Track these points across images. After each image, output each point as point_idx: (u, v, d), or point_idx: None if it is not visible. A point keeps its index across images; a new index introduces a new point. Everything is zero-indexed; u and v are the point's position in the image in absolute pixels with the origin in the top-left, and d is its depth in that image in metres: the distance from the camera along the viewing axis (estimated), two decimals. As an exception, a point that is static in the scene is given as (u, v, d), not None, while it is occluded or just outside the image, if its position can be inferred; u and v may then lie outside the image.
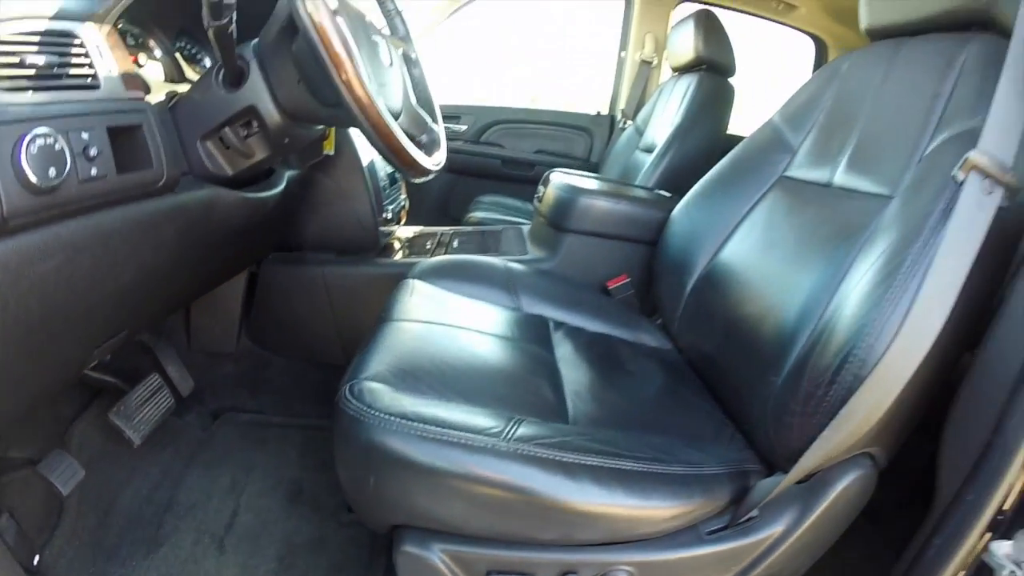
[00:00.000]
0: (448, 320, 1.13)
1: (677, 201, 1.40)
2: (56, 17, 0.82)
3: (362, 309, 1.59)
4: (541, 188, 1.73)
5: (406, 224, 1.91)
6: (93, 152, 0.76)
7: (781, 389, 0.84)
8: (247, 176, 1.09)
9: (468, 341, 1.07)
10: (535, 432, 0.81)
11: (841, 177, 1.05)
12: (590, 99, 3.40)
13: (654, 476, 0.79)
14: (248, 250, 1.51)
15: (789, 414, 0.81)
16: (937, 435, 0.84)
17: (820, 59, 2.91)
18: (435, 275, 1.31)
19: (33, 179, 0.68)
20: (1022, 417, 0.72)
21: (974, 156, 0.71)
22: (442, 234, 1.88)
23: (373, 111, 0.84)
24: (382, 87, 1.01)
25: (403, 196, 1.85)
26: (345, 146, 1.53)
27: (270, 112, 0.97)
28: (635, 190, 1.76)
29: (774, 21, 2.83)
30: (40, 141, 0.69)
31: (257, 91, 0.96)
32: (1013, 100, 0.73)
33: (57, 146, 0.71)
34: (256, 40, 1.00)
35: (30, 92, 0.74)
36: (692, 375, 1.18)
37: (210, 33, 0.88)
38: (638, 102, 2.82)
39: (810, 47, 2.92)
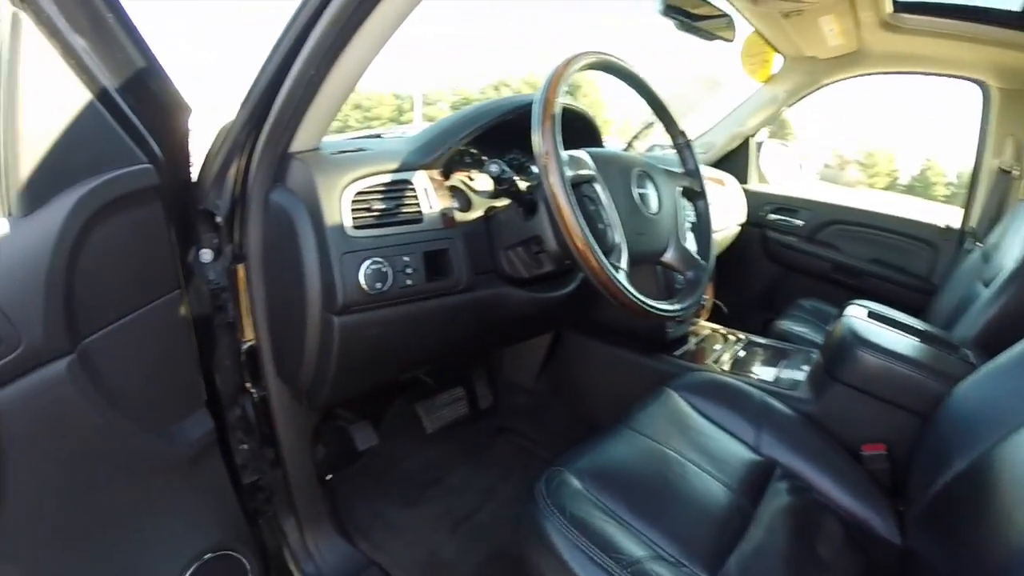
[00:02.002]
0: (677, 446, 1.16)
1: (973, 370, 1.17)
2: (399, 169, 1.13)
3: (638, 389, 1.65)
4: (834, 321, 1.62)
5: (710, 319, 1.97)
6: (410, 271, 1.07)
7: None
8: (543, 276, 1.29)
9: (681, 473, 1.10)
10: (661, 572, 0.86)
11: None
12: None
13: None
14: (539, 330, 1.75)
15: None
16: None
17: None
18: (692, 391, 1.34)
19: (365, 288, 1.01)
20: None
21: None
22: (736, 340, 1.88)
23: (600, 273, 0.96)
24: (639, 236, 1.13)
25: (705, 296, 1.91)
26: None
27: (550, 242, 1.14)
28: (931, 354, 1.45)
29: None
30: (374, 267, 1.02)
31: (543, 224, 1.14)
32: None
33: (384, 269, 1.03)
34: None
35: (374, 229, 1.06)
36: None
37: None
38: (991, 220, 2.21)
39: None
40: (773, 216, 2.75)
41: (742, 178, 2.75)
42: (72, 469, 0.92)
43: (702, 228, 1.36)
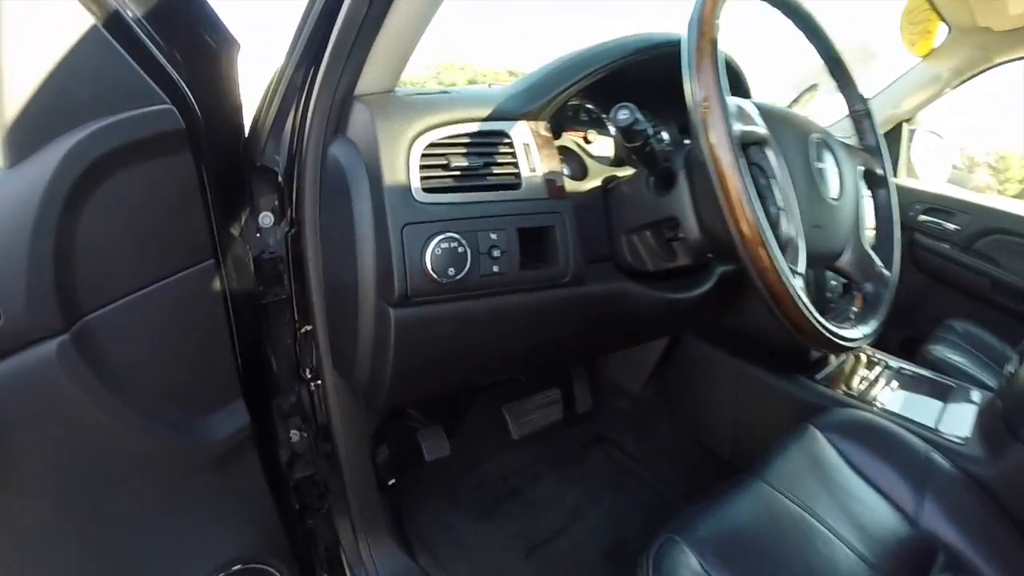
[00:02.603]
0: (819, 510, 0.87)
1: None
2: (492, 117, 0.83)
3: (767, 415, 1.34)
4: (1015, 359, 1.23)
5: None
6: (497, 253, 0.78)
7: None
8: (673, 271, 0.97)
9: (824, 550, 0.82)
10: None
11: None
12: None
13: None
14: (658, 335, 1.42)
15: None
16: None
17: None
18: (841, 432, 1.02)
19: (432, 274, 0.74)
20: None
21: None
22: (886, 366, 1.44)
23: (773, 277, 0.66)
24: (816, 228, 0.80)
25: (854, 309, 1.45)
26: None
27: (691, 227, 0.83)
28: None
29: None
30: (444, 245, 0.74)
31: (681, 203, 0.83)
32: None
33: (460, 250, 0.75)
34: (690, 146, 0.85)
35: (451, 193, 0.78)
36: None
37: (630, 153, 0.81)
38: None
39: None
40: (923, 217, 2.23)
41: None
42: (71, 467, 0.75)
43: (885, 226, 1.00)
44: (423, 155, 0.77)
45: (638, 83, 0.98)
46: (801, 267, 0.72)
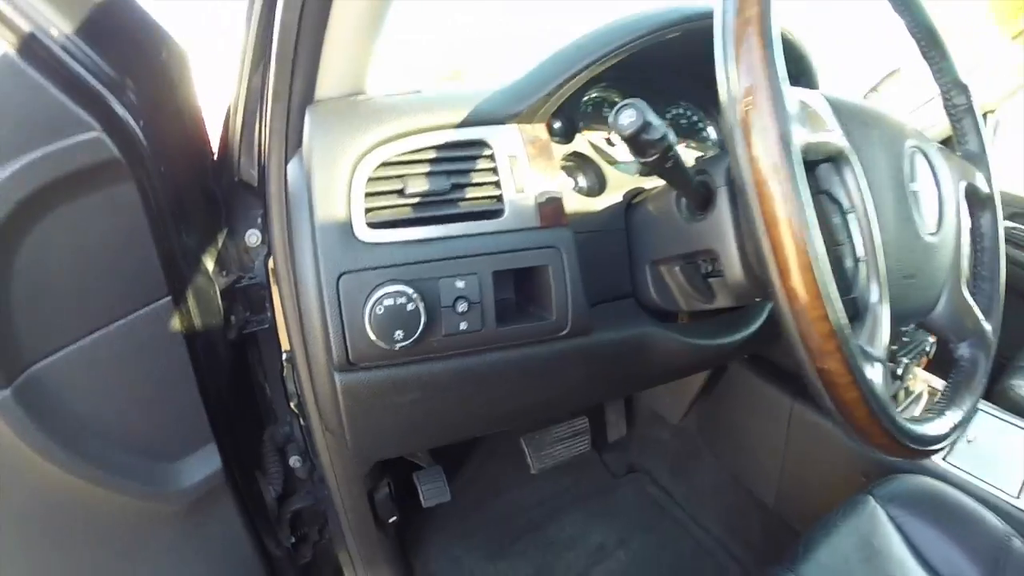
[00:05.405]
0: None
1: None
2: (466, 123, 0.66)
3: (816, 467, 1.14)
4: None
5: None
6: (463, 307, 0.62)
7: None
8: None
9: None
10: None
11: None
12: None
13: None
14: (696, 371, 1.22)
15: None
16: None
17: None
18: (903, 506, 0.83)
19: (373, 338, 0.59)
20: None
21: None
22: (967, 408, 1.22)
23: (838, 369, 0.45)
24: (907, 280, 0.58)
25: (930, 340, 1.18)
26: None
27: (732, 264, 0.63)
28: None
29: None
30: (388, 301, 0.58)
31: (720, 233, 0.62)
32: None
33: (410, 307, 0.59)
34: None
35: (404, 228, 0.62)
36: None
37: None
38: None
39: None
40: (1008, 224, 1.98)
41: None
42: (23, 525, 0.69)
43: (989, 262, 0.75)
44: (372, 179, 0.62)
45: (673, 67, 0.82)
46: (880, 348, 0.51)
